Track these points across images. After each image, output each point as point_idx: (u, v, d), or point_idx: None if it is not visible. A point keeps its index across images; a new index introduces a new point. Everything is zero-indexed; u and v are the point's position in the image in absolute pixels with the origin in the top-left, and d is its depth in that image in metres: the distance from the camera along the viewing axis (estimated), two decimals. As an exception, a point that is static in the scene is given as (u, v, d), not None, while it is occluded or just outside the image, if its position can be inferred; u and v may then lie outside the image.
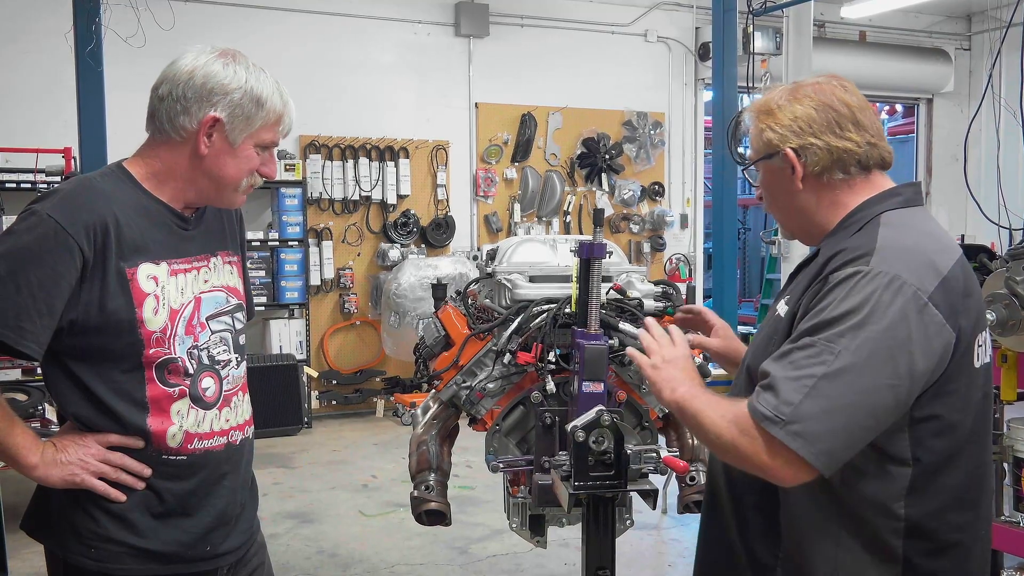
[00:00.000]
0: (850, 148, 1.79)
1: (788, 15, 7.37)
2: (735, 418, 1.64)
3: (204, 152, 1.88)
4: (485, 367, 2.71)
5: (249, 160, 1.92)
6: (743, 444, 1.62)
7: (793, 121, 1.80)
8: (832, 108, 1.80)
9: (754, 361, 1.80)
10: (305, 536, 5.20)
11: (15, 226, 1.81)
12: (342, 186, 8.28)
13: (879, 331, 1.58)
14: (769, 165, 1.85)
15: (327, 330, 8.39)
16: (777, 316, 1.81)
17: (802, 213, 1.86)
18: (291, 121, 1.97)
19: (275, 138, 1.95)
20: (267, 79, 1.91)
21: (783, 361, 1.62)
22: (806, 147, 1.79)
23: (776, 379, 1.60)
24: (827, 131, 1.79)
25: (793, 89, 1.85)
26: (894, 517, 1.69)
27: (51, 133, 6.61)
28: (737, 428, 1.63)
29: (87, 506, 1.88)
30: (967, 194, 6.15)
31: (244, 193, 1.99)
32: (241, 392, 2.05)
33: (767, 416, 1.58)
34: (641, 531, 5.07)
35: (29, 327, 1.76)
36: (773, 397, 1.59)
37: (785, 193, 1.85)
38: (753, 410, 1.60)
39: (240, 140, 1.89)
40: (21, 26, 7.18)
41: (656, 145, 9.56)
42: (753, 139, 1.88)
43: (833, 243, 1.78)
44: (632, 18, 9.41)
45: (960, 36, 10.98)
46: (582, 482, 2.10)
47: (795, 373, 1.59)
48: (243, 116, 1.88)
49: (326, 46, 8.26)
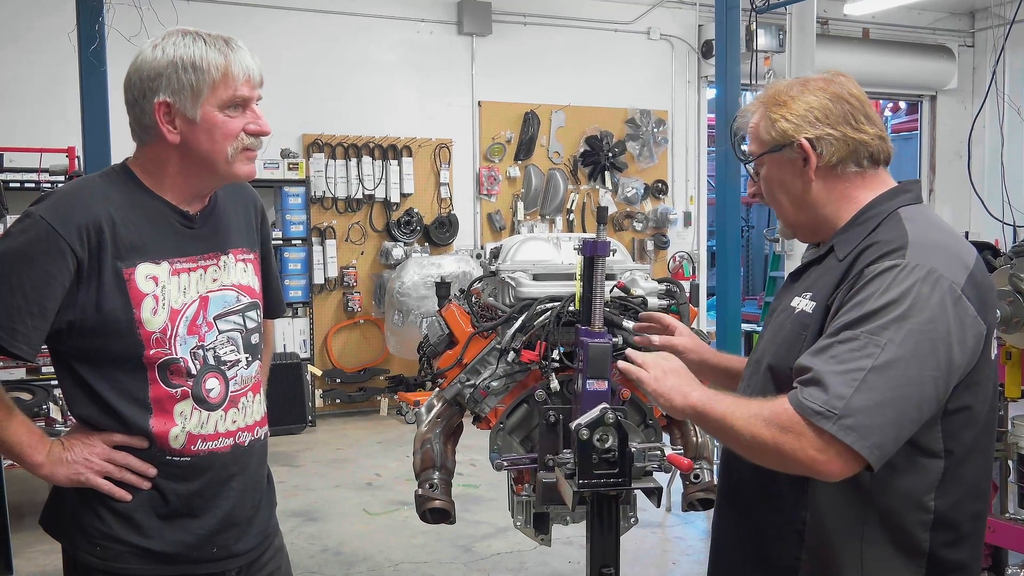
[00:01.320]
0: (865, 140, 1.79)
1: (791, 12, 7.36)
2: (772, 416, 1.61)
3: (174, 139, 1.83)
4: (489, 365, 2.71)
5: (223, 126, 1.83)
6: (786, 442, 1.58)
7: (808, 111, 1.78)
8: (845, 100, 1.79)
9: (777, 359, 1.78)
10: (309, 534, 5.21)
11: (11, 228, 1.82)
12: (345, 185, 8.28)
13: (922, 323, 1.58)
14: (778, 157, 1.82)
15: (331, 329, 8.40)
16: (801, 312, 1.77)
17: (810, 207, 1.83)
18: (245, 67, 1.84)
19: (236, 92, 1.83)
20: (199, 42, 1.82)
21: (823, 356, 1.60)
22: (822, 138, 1.77)
23: (822, 373, 1.57)
24: (843, 122, 1.78)
25: (803, 81, 1.84)
26: (924, 510, 1.70)
27: (55, 132, 6.62)
28: (777, 427, 1.59)
29: (95, 505, 1.88)
30: (971, 191, 6.14)
31: (243, 163, 1.89)
32: (252, 392, 2.02)
33: (817, 411, 1.55)
34: (645, 529, 5.07)
35: (21, 329, 1.76)
36: (821, 392, 1.56)
37: (794, 186, 1.82)
38: (799, 405, 1.57)
39: (199, 112, 1.82)
40: (25, 25, 7.19)
41: (659, 143, 9.55)
42: (762, 130, 1.84)
43: (850, 238, 1.76)
44: (635, 16, 9.41)
45: (964, 33, 10.96)
46: (586, 480, 2.10)
47: (842, 367, 1.57)
48: (187, 88, 1.80)
49: (329, 45, 8.26)
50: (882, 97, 11.03)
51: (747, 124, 1.90)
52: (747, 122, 1.90)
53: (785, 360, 1.75)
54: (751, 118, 1.89)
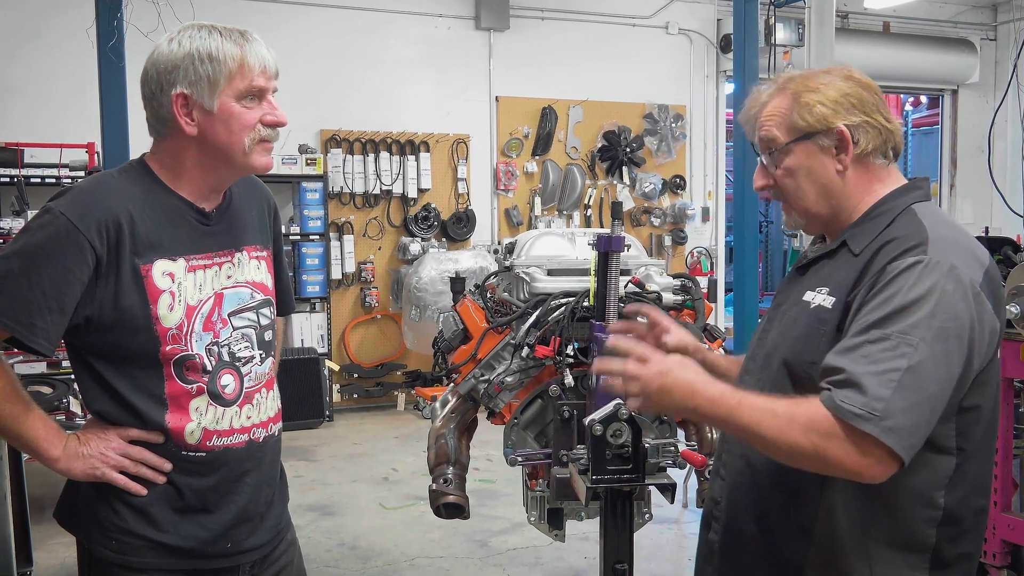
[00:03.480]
0: (894, 131, 1.77)
1: (810, 6, 7.29)
2: (809, 424, 1.55)
3: (192, 132, 1.84)
4: (503, 361, 2.72)
5: (240, 117, 1.85)
6: (828, 448, 1.54)
7: (844, 97, 1.74)
8: (873, 90, 1.77)
9: (794, 354, 1.75)
10: (326, 528, 5.23)
11: (31, 223, 1.83)
12: (363, 180, 8.30)
13: (948, 321, 1.57)
14: (810, 145, 1.76)
15: (348, 324, 8.42)
16: (818, 307, 1.73)
17: (836, 197, 1.79)
18: (261, 58, 1.85)
19: (252, 83, 1.85)
20: (215, 34, 1.84)
21: (854, 355, 1.57)
22: (859, 125, 1.73)
23: (857, 375, 1.54)
24: (876, 111, 1.75)
25: (825, 70, 1.79)
26: (934, 507, 1.69)
27: (74, 128, 6.65)
28: (817, 434, 1.55)
29: (110, 499, 1.89)
30: (992, 186, 6.09)
31: (260, 155, 1.90)
32: (265, 389, 2.02)
33: (858, 414, 1.52)
34: (661, 525, 5.06)
35: (40, 324, 1.77)
36: (859, 394, 1.53)
37: (824, 175, 1.77)
38: (838, 409, 1.53)
39: (216, 103, 1.83)
40: (44, 22, 7.25)
41: (677, 138, 9.52)
42: (794, 116, 1.77)
43: (864, 232, 1.74)
44: (653, 10, 9.37)
45: (985, 26, 10.85)
46: (600, 476, 2.10)
47: (877, 367, 1.54)
48: (203, 79, 1.82)
49: (347, 40, 8.28)
50: (903, 91, 10.94)
51: (761, 114, 1.84)
52: (760, 112, 1.84)
53: (803, 355, 1.73)
54: (773, 105, 1.81)
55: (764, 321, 1.95)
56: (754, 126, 1.86)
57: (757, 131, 1.85)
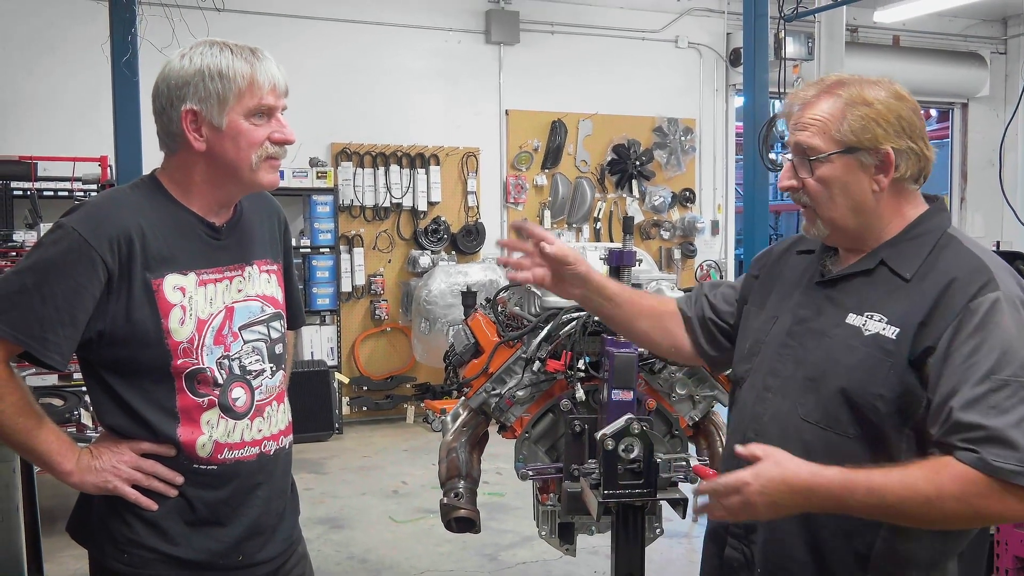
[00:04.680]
0: (931, 160, 1.76)
1: (820, 20, 7.31)
2: (963, 490, 1.55)
3: (200, 147, 1.86)
4: (515, 374, 2.72)
5: (248, 134, 1.86)
6: (990, 506, 1.55)
7: (898, 119, 1.71)
8: (920, 114, 1.75)
9: (855, 384, 1.70)
10: (336, 542, 5.23)
11: (43, 239, 1.85)
12: (373, 193, 8.32)
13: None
14: (851, 159, 1.72)
15: (358, 336, 8.44)
16: (879, 336, 1.69)
17: (868, 215, 1.76)
18: (271, 77, 1.87)
19: (262, 101, 1.86)
20: (226, 51, 1.85)
21: (983, 408, 1.56)
22: (905, 151, 1.71)
23: (999, 429, 1.54)
24: (920, 138, 1.73)
25: (875, 81, 1.75)
26: None
27: (88, 142, 6.69)
28: (975, 496, 1.55)
29: (123, 512, 1.90)
30: (1003, 199, 6.07)
31: (267, 172, 1.90)
32: (276, 402, 2.03)
33: (1019, 471, 1.52)
34: (672, 539, 5.05)
35: (53, 338, 1.79)
36: (1010, 450, 1.53)
37: (859, 192, 1.74)
38: (996, 471, 1.53)
39: (225, 120, 1.84)
40: (59, 36, 7.30)
41: (687, 151, 9.52)
42: (843, 128, 1.72)
43: (907, 255, 1.73)
44: (663, 24, 9.39)
45: (996, 40, 10.85)
46: (611, 490, 2.10)
47: (1013, 418, 1.55)
48: (213, 96, 1.83)
49: (357, 54, 8.32)
50: (913, 105, 10.92)
51: (804, 114, 1.76)
52: (803, 112, 1.77)
53: (867, 386, 1.68)
54: (820, 108, 1.74)
55: (780, 334, 1.86)
56: (791, 125, 1.80)
57: (795, 130, 1.78)
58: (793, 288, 1.91)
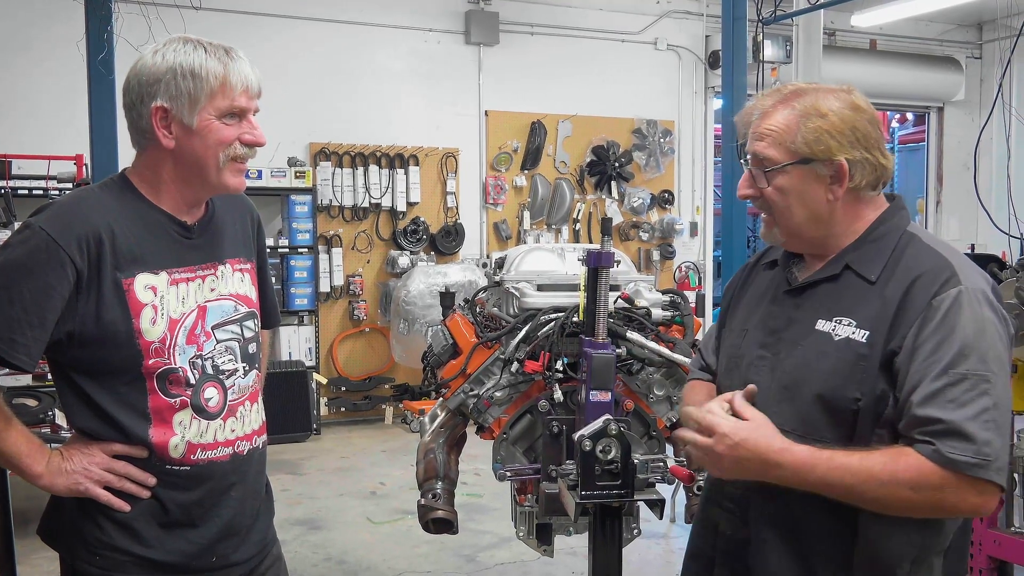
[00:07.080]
0: (888, 168, 1.78)
1: (798, 23, 7.35)
2: (917, 479, 1.57)
3: (169, 145, 1.84)
4: (493, 376, 2.72)
5: (217, 133, 1.84)
6: (945, 499, 1.58)
7: (852, 130, 1.72)
8: (878, 124, 1.77)
9: (830, 389, 1.70)
10: (313, 543, 5.20)
11: (11, 239, 1.82)
12: (352, 193, 8.29)
13: (1000, 347, 1.64)
14: (805, 170, 1.74)
15: (336, 337, 8.40)
16: (850, 340, 1.70)
17: (823, 223, 1.78)
18: (244, 78, 1.85)
19: (233, 102, 1.84)
20: (199, 50, 1.83)
21: (941, 401, 1.58)
22: (859, 162, 1.73)
23: (957, 422, 1.57)
24: (876, 148, 1.75)
25: (831, 91, 1.76)
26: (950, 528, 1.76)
27: (63, 140, 6.63)
28: (930, 488, 1.57)
29: (94, 514, 1.88)
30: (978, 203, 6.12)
31: (232, 174, 1.89)
32: (249, 401, 2.02)
33: (972, 463, 1.55)
34: (649, 540, 5.06)
35: (21, 339, 1.77)
36: (966, 442, 1.56)
37: (815, 201, 1.76)
38: (949, 462, 1.56)
39: (195, 119, 1.82)
40: (35, 34, 7.23)
41: (666, 153, 9.55)
42: (796, 139, 1.74)
43: (869, 257, 1.74)
44: (642, 26, 9.42)
45: (971, 44, 10.95)
46: (589, 491, 2.10)
47: (971, 411, 1.57)
48: (184, 95, 1.81)
49: (337, 54, 8.29)
50: (889, 108, 11.00)
51: (761, 125, 1.79)
52: (760, 122, 1.79)
53: (843, 390, 1.69)
54: (776, 119, 1.77)
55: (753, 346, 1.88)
56: (750, 133, 1.82)
57: (753, 140, 1.81)
58: (761, 300, 1.93)
